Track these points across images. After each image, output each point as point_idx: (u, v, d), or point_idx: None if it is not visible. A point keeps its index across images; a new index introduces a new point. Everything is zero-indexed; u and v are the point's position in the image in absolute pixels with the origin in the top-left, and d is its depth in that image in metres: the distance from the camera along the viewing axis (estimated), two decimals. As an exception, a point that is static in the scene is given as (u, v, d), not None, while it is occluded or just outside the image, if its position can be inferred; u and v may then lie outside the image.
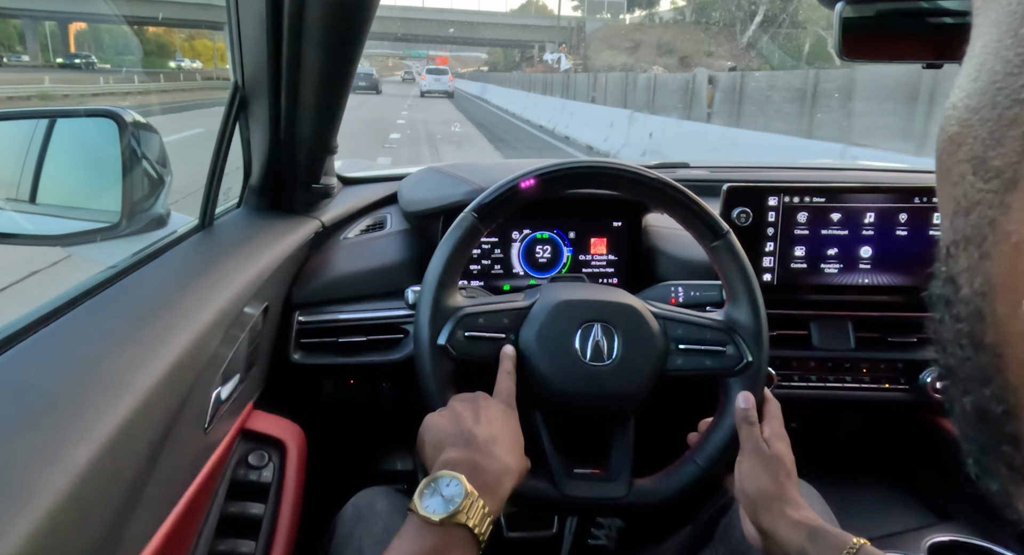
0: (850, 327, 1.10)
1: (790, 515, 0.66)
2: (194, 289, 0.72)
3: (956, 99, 0.21)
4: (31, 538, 0.38)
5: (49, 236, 0.89)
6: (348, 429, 1.25)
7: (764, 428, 0.75)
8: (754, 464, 0.71)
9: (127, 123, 0.81)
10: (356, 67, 0.93)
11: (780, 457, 0.71)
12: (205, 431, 0.70)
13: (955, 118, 0.20)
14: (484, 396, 0.72)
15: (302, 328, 1.01)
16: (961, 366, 0.20)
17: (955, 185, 0.20)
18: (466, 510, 0.55)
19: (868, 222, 1.04)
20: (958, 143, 0.20)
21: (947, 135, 0.21)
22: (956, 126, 0.20)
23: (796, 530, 0.65)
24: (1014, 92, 0.18)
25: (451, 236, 0.79)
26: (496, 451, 0.63)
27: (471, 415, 0.67)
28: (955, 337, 0.20)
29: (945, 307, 0.21)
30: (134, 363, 0.56)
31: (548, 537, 1.16)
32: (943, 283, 0.21)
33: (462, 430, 0.65)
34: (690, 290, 0.97)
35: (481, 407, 0.69)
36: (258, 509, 0.81)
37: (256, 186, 1.04)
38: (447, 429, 0.66)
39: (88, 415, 0.48)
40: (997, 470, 0.20)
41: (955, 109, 0.21)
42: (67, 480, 0.43)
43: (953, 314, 0.20)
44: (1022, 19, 0.18)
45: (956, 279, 0.20)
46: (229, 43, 0.90)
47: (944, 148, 0.21)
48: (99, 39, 19.76)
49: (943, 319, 0.21)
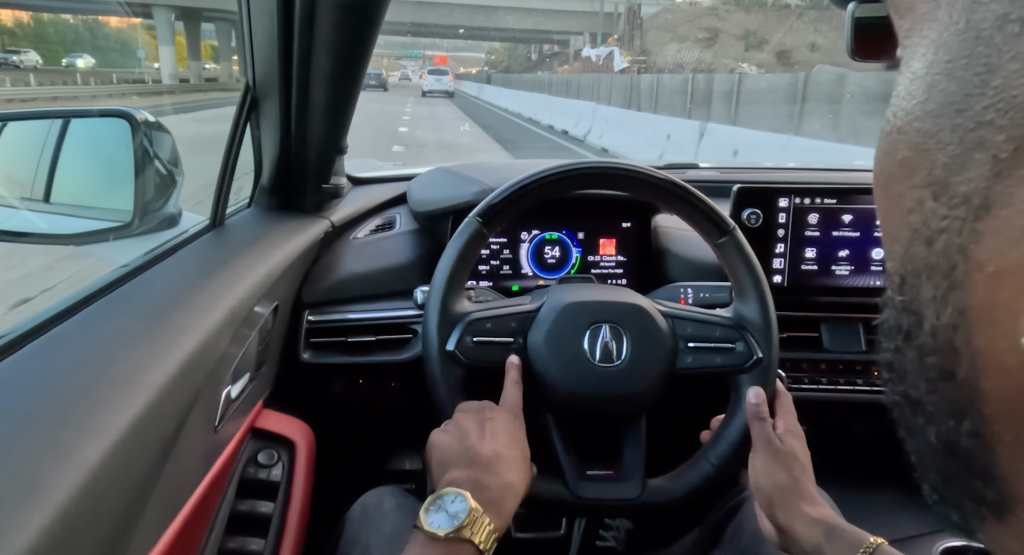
0: (861, 329, 1.09)
1: (807, 511, 0.66)
2: (205, 288, 0.73)
3: (902, 123, 0.20)
4: (44, 534, 0.38)
5: (63, 235, 0.90)
6: (357, 428, 1.25)
7: (778, 424, 0.75)
8: (768, 460, 0.71)
9: (140, 123, 0.82)
10: (366, 68, 0.93)
11: (794, 452, 0.71)
12: (215, 429, 0.70)
13: (904, 142, 0.20)
14: (491, 406, 0.71)
15: (312, 327, 1.02)
16: (926, 398, 0.19)
17: (910, 212, 0.19)
18: (471, 526, 0.55)
19: (879, 223, 1.03)
20: (911, 168, 0.19)
21: (895, 160, 0.20)
22: (907, 150, 0.19)
23: (812, 527, 0.64)
24: (977, 114, 0.17)
25: (456, 241, 0.79)
26: (500, 468, 0.62)
27: (476, 430, 0.67)
28: (920, 369, 0.19)
29: (905, 339, 0.20)
30: (146, 361, 0.56)
31: (556, 538, 1.16)
32: (899, 313, 0.20)
33: (466, 447, 0.64)
34: (699, 291, 0.96)
35: (487, 419, 0.68)
36: (267, 507, 0.82)
37: (267, 186, 1.05)
38: (452, 447, 0.66)
39: (100, 412, 0.48)
40: (961, 503, 0.20)
41: (902, 133, 0.20)
42: (79, 477, 0.43)
43: (916, 346, 0.19)
44: (975, 39, 0.17)
45: (919, 310, 0.19)
46: (240, 43, 0.91)
47: (893, 173, 0.20)
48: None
49: (902, 350, 0.20)
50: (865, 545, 0.60)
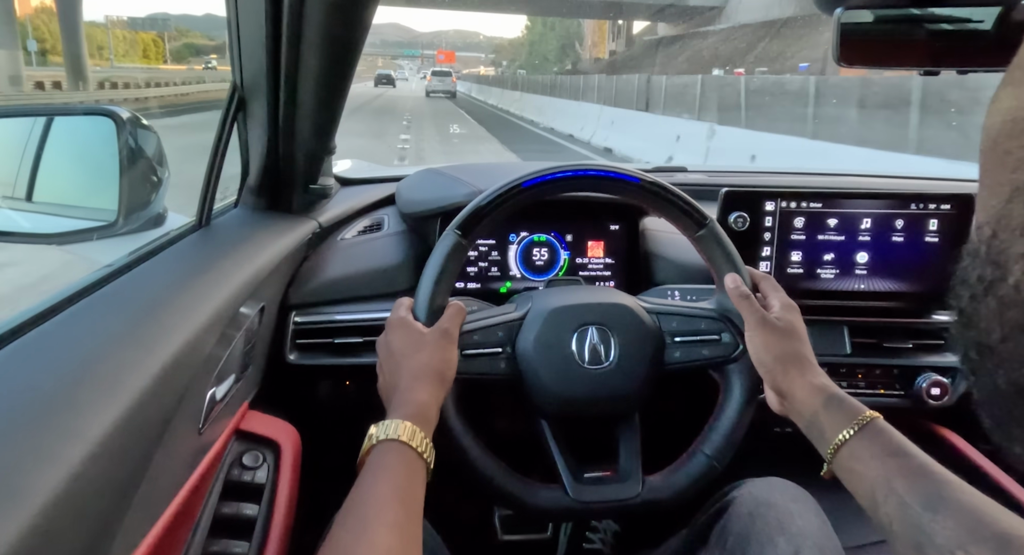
0: (846, 332, 1.10)
1: (808, 379, 0.69)
2: (190, 288, 0.72)
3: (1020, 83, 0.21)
4: (24, 538, 0.38)
5: (45, 234, 0.89)
6: (344, 430, 1.24)
7: (772, 303, 0.77)
8: (766, 335, 0.73)
9: (125, 122, 0.81)
10: (355, 67, 0.93)
11: (791, 325, 0.74)
12: (200, 431, 0.70)
13: (1019, 103, 0.20)
14: (393, 324, 0.75)
15: (298, 329, 1.01)
16: (1001, 347, 0.20)
17: (1015, 170, 0.20)
18: (402, 433, 0.62)
19: (865, 228, 1.04)
20: (1022, 128, 0.20)
21: (1009, 118, 0.21)
22: (1021, 111, 0.20)
23: (812, 394, 0.67)
24: None
25: (436, 255, 0.78)
26: (407, 394, 0.68)
27: (386, 362, 0.73)
28: (998, 319, 0.20)
29: (985, 289, 0.21)
30: (129, 362, 0.55)
31: (543, 540, 1.16)
32: (984, 264, 0.21)
33: (385, 383, 0.73)
34: (686, 294, 0.97)
35: (388, 342, 0.74)
36: (252, 510, 0.81)
37: (254, 186, 1.04)
38: (382, 387, 0.74)
39: (82, 414, 0.48)
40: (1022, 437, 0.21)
41: (1019, 100, 0.20)
42: (60, 479, 0.42)
43: (998, 296, 0.20)
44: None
45: (1004, 263, 0.20)
46: (229, 43, 0.90)
47: (1004, 130, 0.21)
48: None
49: (979, 299, 0.21)
50: (861, 416, 0.63)
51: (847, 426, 0.62)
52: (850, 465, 0.61)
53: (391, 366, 0.72)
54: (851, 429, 0.62)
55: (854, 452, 0.61)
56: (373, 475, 0.60)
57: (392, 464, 0.61)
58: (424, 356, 0.71)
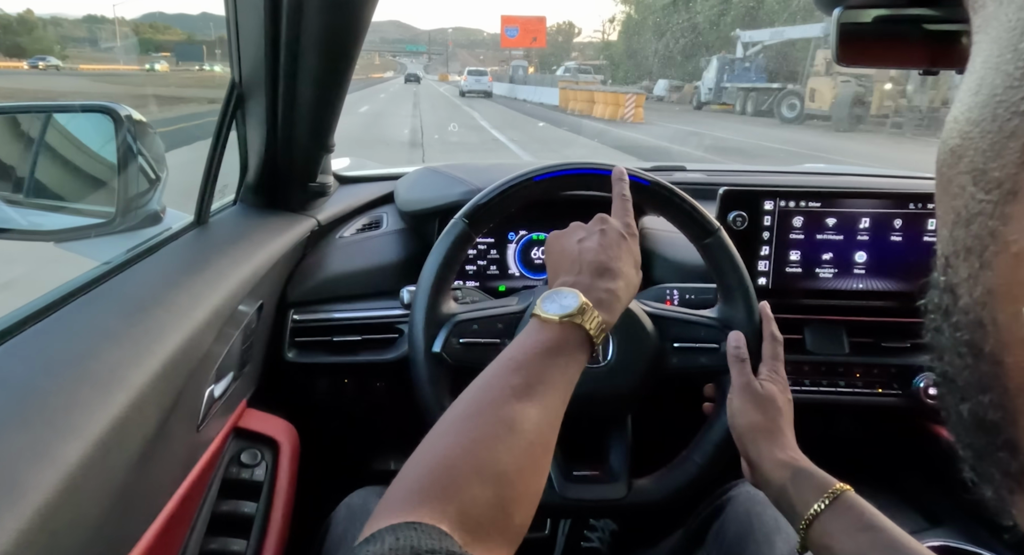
0: (844, 332, 1.10)
1: (776, 454, 0.68)
2: (188, 286, 0.72)
3: (958, 112, 0.21)
4: (21, 535, 0.38)
5: (43, 231, 0.88)
6: (342, 428, 1.24)
7: (761, 369, 0.76)
8: (745, 401, 0.73)
9: (123, 119, 0.81)
10: (354, 66, 0.93)
11: (772, 396, 0.73)
12: (198, 429, 0.70)
13: (956, 131, 0.21)
14: (604, 219, 0.71)
15: (296, 327, 1.01)
16: (959, 374, 0.21)
17: (955, 197, 0.21)
18: (581, 315, 0.58)
19: (863, 227, 1.04)
20: (959, 155, 0.21)
21: (948, 147, 0.21)
22: (957, 138, 0.21)
23: (780, 468, 0.66)
24: (1013, 105, 0.18)
25: (442, 243, 0.79)
26: (607, 277, 0.64)
27: (587, 239, 0.69)
28: (954, 346, 0.21)
29: (943, 316, 0.21)
30: (127, 360, 0.55)
31: (541, 539, 1.16)
32: (941, 293, 0.21)
33: (578, 254, 0.67)
34: (685, 293, 0.97)
35: (599, 230, 0.69)
36: (250, 508, 0.81)
37: (252, 184, 1.04)
38: (565, 254, 0.69)
39: (80, 412, 0.48)
40: (992, 476, 0.21)
41: (956, 122, 0.21)
42: (58, 478, 0.42)
43: (952, 323, 0.21)
44: (1021, 34, 0.19)
45: (955, 289, 0.21)
46: (228, 41, 0.90)
47: (945, 160, 0.22)
48: None
49: (940, 328, 0.21)
50: (831, 489, 0.62)
51: (816, 500, 0.61)
52: (824, 542, 0.60)
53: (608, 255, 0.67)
54: (821, 503, 0.61)
55: (826, 528, 0.60)
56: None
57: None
58: (635, 277, 0.68)
